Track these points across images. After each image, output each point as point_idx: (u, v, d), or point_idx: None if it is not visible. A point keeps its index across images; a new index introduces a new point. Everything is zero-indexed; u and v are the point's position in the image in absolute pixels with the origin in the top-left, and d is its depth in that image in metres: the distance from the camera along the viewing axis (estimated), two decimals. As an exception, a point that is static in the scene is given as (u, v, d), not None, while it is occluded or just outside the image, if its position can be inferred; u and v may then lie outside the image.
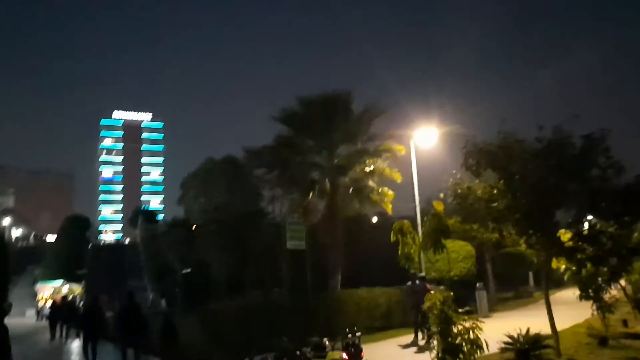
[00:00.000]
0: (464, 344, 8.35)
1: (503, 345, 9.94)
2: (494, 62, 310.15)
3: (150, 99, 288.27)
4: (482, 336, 8.25)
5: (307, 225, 17.43)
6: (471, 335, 8.35)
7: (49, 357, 16.78)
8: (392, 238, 10.00)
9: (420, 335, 14.22)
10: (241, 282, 32.12)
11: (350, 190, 18.74)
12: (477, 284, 20.46)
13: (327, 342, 9.96)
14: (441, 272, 21.41)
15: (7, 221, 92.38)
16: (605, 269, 11.64)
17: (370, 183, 19.04)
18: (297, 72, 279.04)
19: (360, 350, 9.79)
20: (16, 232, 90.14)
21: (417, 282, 15.03)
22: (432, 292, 12.26)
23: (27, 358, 16.32)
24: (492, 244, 12.20)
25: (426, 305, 8.72)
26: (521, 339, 9.87)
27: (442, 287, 14.72)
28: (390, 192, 19.12)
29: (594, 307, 12.87)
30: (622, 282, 14.54)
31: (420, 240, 10.31)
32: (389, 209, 19.19)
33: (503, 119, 10.34)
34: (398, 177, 18.95)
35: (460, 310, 8.53)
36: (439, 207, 9.78)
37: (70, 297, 19.82)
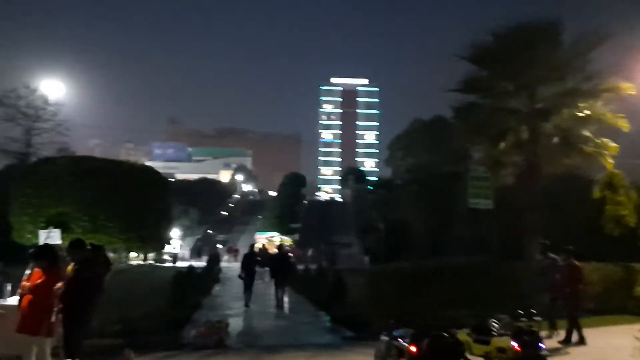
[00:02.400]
0: None
1: None
2: None
3: (366, 64, 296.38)
4: None
5: (499, 182, 14.72)
6: None
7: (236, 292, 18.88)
8: (596, 193, 7.24)
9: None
10: (441, 244, 30.48)
11: (556, 140, 15.14)
12: None
13: (494, 324, 7.87)
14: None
15: (240, 177, 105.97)
16: None
17: (584, 132, 15.20)
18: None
19: (539, 340, 7.36)
20: (246, 187, 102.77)
21: (558, 257, 11.41)
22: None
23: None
24: None
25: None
26: None
27: None
28: (613, 145, 14.90)
29: None
30: None
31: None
32: (608, 164, 14.79)
33: None
34: (625, 126, 14.68)
35: None
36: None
37: (260, 247, 21.93)
